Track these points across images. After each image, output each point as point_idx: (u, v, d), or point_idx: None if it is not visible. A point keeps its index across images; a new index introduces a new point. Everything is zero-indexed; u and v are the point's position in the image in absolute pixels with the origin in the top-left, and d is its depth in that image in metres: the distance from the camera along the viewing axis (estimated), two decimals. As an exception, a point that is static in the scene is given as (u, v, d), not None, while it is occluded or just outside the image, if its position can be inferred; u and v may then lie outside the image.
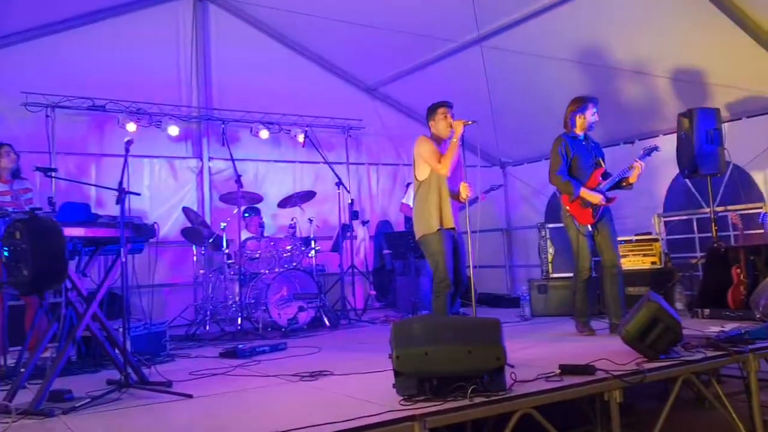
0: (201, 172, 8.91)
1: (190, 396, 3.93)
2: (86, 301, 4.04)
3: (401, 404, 3.39)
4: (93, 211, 4.67)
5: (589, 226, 5.76)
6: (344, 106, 9.84)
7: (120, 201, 3.88)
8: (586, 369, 3.98)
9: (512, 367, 3.93)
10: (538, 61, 7.91)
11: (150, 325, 5.75)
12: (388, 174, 10.37)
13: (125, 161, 4.31)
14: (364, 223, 9.18)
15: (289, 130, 9.16)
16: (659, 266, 7.33)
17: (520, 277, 10.59)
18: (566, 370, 4.00)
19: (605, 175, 5.86)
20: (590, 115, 5.88)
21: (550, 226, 7.92)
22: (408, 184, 9.30)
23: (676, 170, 8.15)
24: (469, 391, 3.40)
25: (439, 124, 5.41)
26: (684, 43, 7.06)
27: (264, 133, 8.87)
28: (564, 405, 3.83)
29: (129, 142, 4.41)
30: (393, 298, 9.23)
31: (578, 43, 7.70)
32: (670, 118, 8.10)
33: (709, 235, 8.16)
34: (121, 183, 4.04)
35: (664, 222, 8.45)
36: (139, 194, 4.93)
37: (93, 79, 8.02)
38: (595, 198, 5.70)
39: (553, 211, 9.99)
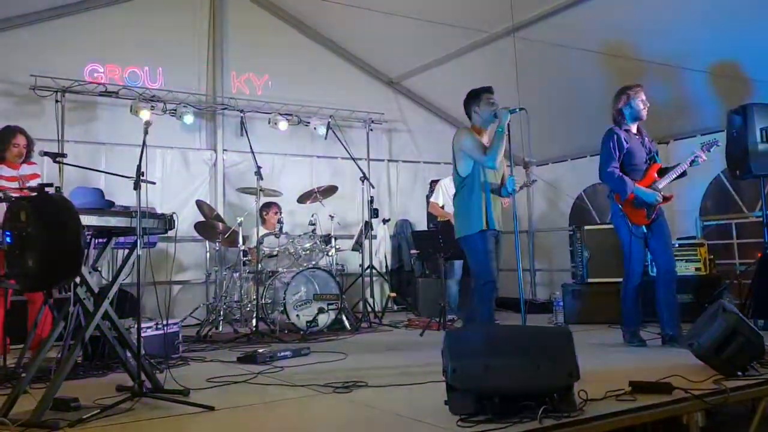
0: (215, 164, 8.46)
1: (211, 408, 3.47)
2: (97, 298, 3.58)
3: (459, 425, 2.93)
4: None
5: (643, 228, 5.29)
6: (364, 99, 9.43)
7: (137, 186, 3.41)
8: (662, 387, 3.51)
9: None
10: (569, 55, 7.49)
11: (162, 325, 5.27)
12: (408, 171, 9.91)
13: (143, 143, 3.86)
14: (385, 221, 8.72)
15: (309, 122, 8.71)
16: (704, 273, 6.88)
17: (541, 281, 10.16)
18: (638, 387, 3.53)
19: (661, 172, 5.39)
20: (638, 104, 5.41)
21: (587, 228, 7.45)
22: (432, 182, 8.87)
23: (714, 172, 7.73)
24: (540, 413, 2.94)
25: (483, 113, 4.94)
26: (724, 37, 6.62)
27: (283, 125, 8.43)
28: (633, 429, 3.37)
29: (148, 123, 3.95)
30: (413, 300, 8.78)
31: (612, 36, 7.30)
32: (707, 117, 7.68)
33: (749, 240, 7.78)
34: (139, 167, 3.58)
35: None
36: (154, 183, 4.48)
37: (105, 64, 7.62)
38: (651, 196, 5.24)
39: (578, 214, 9.55)
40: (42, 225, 2.65)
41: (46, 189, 2.76)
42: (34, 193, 2.80)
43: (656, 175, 5.38)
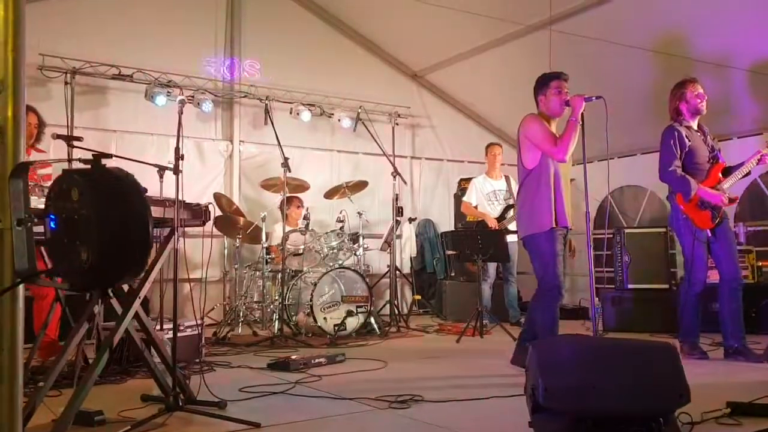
0: (231, 155, 8.02)
1: (257, 425, 3.04)
2: (126, 297, 3.15)
3: (556, 453, 2.52)
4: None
5: (708, 231, 4.88)
6: (388, 92, 9.01)
7: (177, 171, 2.97)
8: (766, 409, 3.11)
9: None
10: (606, 50, 7.07)
11: (196, 325, 4.83)
12: (432, 169, 9.49)
13: (179, 125, 3.42)
14: (411, 220, 8.29)
15: (332, 114, 8.29)
16: (752, 281, 6.49)
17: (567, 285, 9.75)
18: (739, 409, 3.13)
19: (725, 172, 4.99)
20: (692, 98, 5.02)
21: (628, 231, 7.04)
22: (461, 181, 8.46)
23: (752, 176, 7.42)
24: (651, 440, 2.53)
25: (552, 101, 4.46)
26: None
27: (306, 115, 7.98)
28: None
29: (183, 102, 3.52)
30: (437, 303, 8.36)
31: (651, 31, 6.92)
32: (745, 120, 7.31)
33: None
34: (177, 150, 3.14)
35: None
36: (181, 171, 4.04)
37: (118, 45, 7.15)
38: (716, 198, 4.83)
39: (603, 217, 9.14)
40: (101, 206, 2.11)
41: (102, 161, 2.26)
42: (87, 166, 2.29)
43: (720, 176, 4.98)
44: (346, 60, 8.79)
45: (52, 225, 2.21)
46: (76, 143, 4.34)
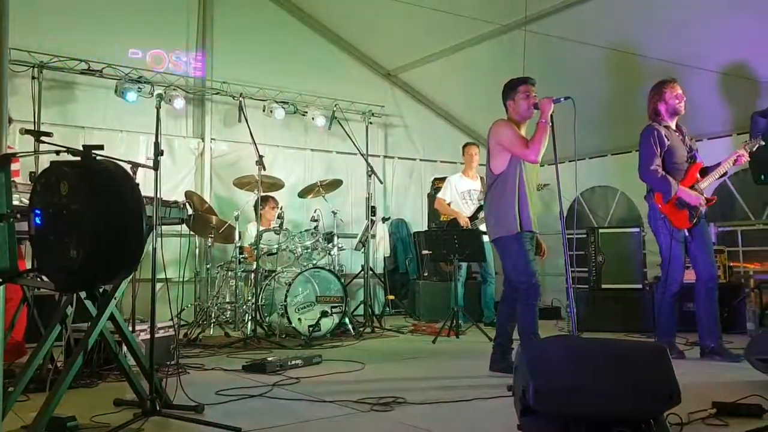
0: (202, 153, 7.87)
1: (237, 430, 2.94)
2: (100, 299, 3.02)
3: (547, 456, 2.47)
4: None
5: (685, 231, 4.91)
6: (361, 90, 8.93)
7: (156, 167, 2.86)
8: (751, 410, 3.12)
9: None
10: (579, 51, 7.09)
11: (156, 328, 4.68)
12: (404, 169, 9.43)
13: (157, 120, 3.31)
14: (385, 220, 8.22)
15: (306, 112, 8.18)
16: (724, 280, 6.55)
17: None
18: (724, 409, 3.12)
19: (703, 172, 5.02)
20: (671, 98, 5.04)
21: (602, 231, 7.07)
22: (435, 180, 8.43)
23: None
24: (641, 442, 2.50)
25: (520, 105, 4.46)
26: (733, 38, 6.35)
27: (279, 113, 7.86)
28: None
29: (161, 97, 3.41)
30: (410, 303, 8.31)
31: (623, 33, 6.95)
32: (714, 121, 7.38)
33: (757, 248, 7.53)
34: (157, 144, 3.04)
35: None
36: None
37: (88, 40, 6.97)
38: (695, 198, 4.86)
39: (573, 217, 9.18)
40: (92, 200, 1.96)
41: (93, 152, 2.11)
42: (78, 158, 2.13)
43: (698, 176, 5.00)
44: (320, 58, 8.69)
45: (38, 221, 2.07)
46: (45, 139, 4.19)
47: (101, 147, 2.28)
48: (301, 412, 3.38)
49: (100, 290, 3.02)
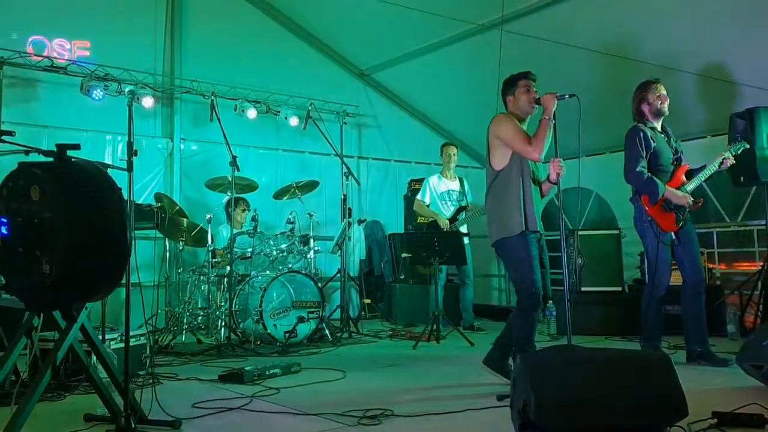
0: (171, 153, 7.63)
1: (219, 448, 2.77)
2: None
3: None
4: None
5: (672, 234, 4.83)
6: (334, 90, 8.76)
7: (130, 169, 2.67)
8: (753, 419, 3.02)
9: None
10: (556, 52, 7.00)
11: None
12: (379, 170, 9.29)
13: (130, 119, 3.12)
14: (361, 222, 8.06)
15: (278, 112, 7.98)
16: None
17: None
18: (726, 420, 3.03)
19: (689, 174, 4.95)
20: (654, 99, 4.95)
21: (582, 233, 7.00)
22: (412, 181, 8.31)
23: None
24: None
25: (520, 100, 4.27)
26: (717, 39, 6.34)
27: (252, 113, 7.65)
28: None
29: (133, 93, 3.21)
30: (386, 307, 8.15)
31: (600, 33, 6.92)
32: (689, 122, 7.37)
33: (732, 250, 7.56)
34: (131, 144, 2.85)
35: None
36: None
37: (51, 35, 6.70)
38: (682, 200, 4.78)
39: (546, 219, 9.13)
40: (68, 207, 1.69)
41: (68, 152, 1.86)
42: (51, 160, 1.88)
43: (684, 178, 4.93)
44: (292, 57, 8.52)
45: (4, 231, 1.81)
46: (6, 138, 3.95)
47: (78, 146, 2.03)
48: (284, 427, 3.21)
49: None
